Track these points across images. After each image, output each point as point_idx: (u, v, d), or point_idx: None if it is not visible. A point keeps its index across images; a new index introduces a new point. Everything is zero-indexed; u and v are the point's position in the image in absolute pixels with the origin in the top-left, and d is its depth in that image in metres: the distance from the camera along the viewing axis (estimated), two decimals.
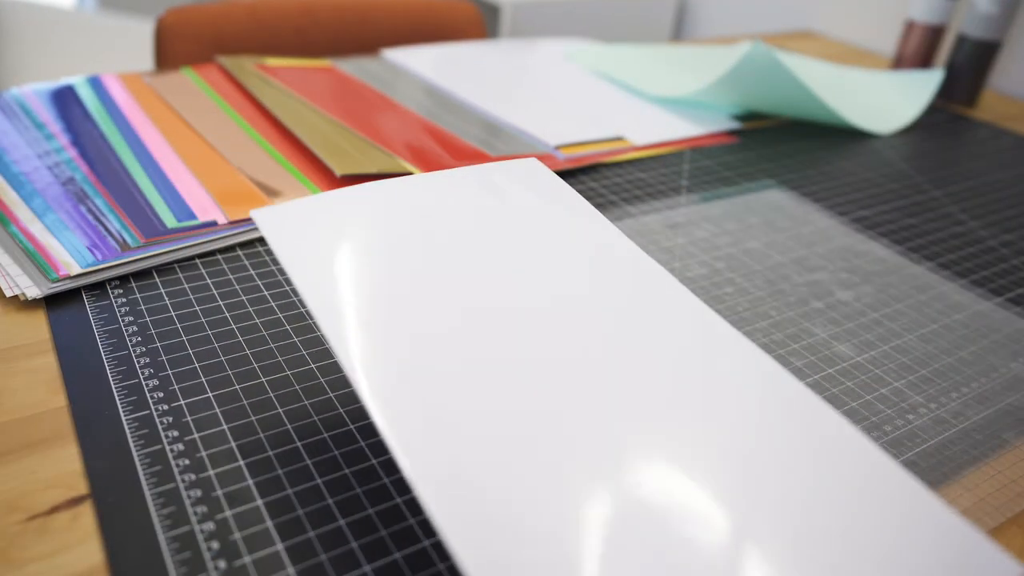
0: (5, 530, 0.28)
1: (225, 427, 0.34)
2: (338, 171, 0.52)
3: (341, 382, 0.37)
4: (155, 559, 0.27)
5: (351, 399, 0.36)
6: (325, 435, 0.34)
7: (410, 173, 0.55)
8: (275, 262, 0.46)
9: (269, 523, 0.29)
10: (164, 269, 0.44)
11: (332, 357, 0.38)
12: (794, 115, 0.76)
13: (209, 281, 0.44)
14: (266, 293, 0.43)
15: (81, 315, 0.40)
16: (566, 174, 0.61)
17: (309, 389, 0.36)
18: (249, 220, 0.48)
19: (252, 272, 0.45)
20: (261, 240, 0.48)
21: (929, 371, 0.41)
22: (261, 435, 0.33)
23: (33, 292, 0.40)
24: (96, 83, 0.64)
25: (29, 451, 0.32)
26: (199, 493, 0.30)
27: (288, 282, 0.44)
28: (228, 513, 0.29)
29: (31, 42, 1.44)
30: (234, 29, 0.88)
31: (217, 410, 0.34)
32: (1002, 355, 0.43)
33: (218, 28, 0.88)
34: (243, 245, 0.47)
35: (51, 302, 0.40)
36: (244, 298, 0.42)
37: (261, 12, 0.90)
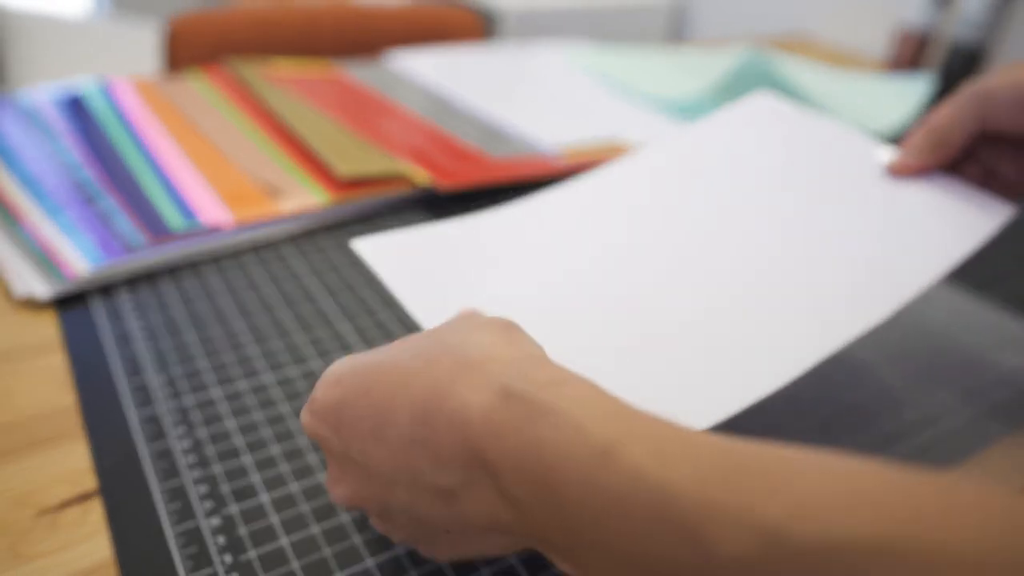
0: (15, 525, 0.29)
1: (232, 423, 0.34)
2: (339, 173, 0.53)
3: None
4: (163, 554, 0.28)
5: None
6: None
7: (410, 175, 0.55)
8: (277, 259, 0.47)
9: (275, 518, 0.30)
10: (171, 270, 0.45)
11: (337, 356, 0.39)
12: None
13: (216, 281, 0.44)
14: (272, 293, 0.44)
15: (90, 315, 0.40)
16: (565, 177, 0.61)
17: (314, 386, 0.37)
18: (255, 222, 0.49)
19: (258, 272, 0.45)
20: (266, 242, 0.49)
21: (917, 369, 0.42)
22: (267, 431, 0.34)
23: (43, 293, 0.41)
24: (105, 86, 0.65)
25: (39, 448, 0.32)
26: (206, 489, 0.31)
27: (291, 280, 0.45)
28: (234, 508, 0.30)
29: (40, 48, 1.45)
30: (240, 36, 0.89)
31: (223, 407, 0.35)
32: (989, 352, 0.44)
33: (225, 34, 0.89)
34: (249, 246, 0.48)
35: (60, 302, 0.41)
36: (250, 298, 0.43)
37: (266, 19, 0.91)
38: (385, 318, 0.42)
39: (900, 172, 0.38)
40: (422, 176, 0.55)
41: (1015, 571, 0.12)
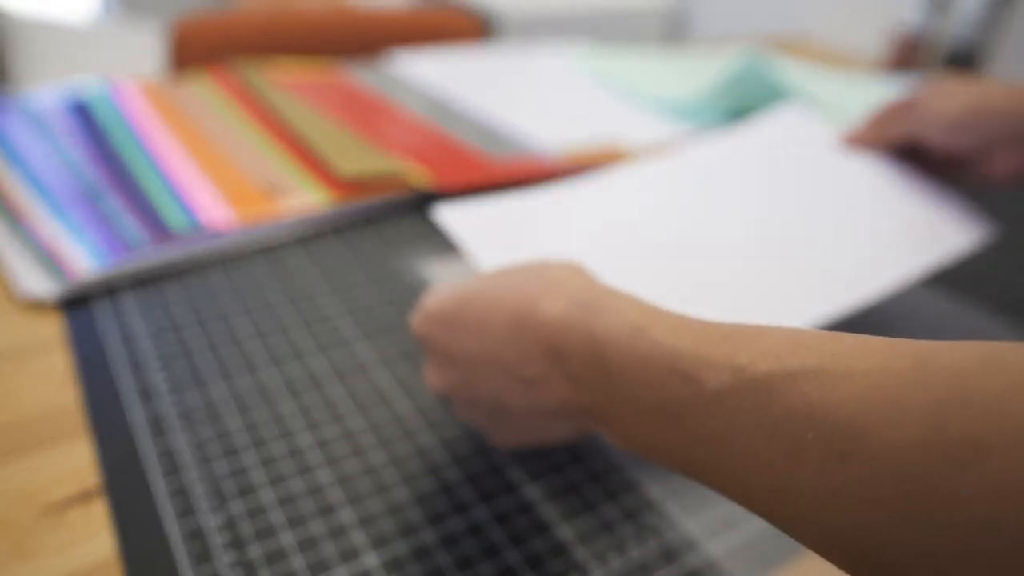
0: (20, 523, 0.29)
1: (236, 421, 0.34)
2: (341, 173, 0.53)
3: (352, 371, 0.38)
4: (166, 550, 0.28)
5: (362, 392, 0.37)
6: (335, 427, 0.35)
7: (411, 176, 0.56)
8: (279, 260, 0.47)
9: (278, 515, 0.30)
10: (175, 270, 0.45)
11: (339, 353, 0.39)
12: None
13: (218, 281, 0.45)
14: (274, 292, 0.44)
15: (94, 314, 0.41)
16: (565, 178, 0.62)
17: (320, 382, 0.37)
18: (258, 223, 0.49)
19: (261, 272, 0.46)
20: (269, 243, 0.49)
21: None
22: (269, 429, 0.34)
23: (47, 293, 0.41)
24: (109, 88, 0.65)
25: (43, 447, 0.33)
26: (209, 486, 0.31)
27: (293, 280, 0.45)
28: (237, 505, 0.30)
29: (46, 51, 1.46)
30: (243, 38, 0.90)
31: (228, 404, 0.35)
32: None
33: (228, 36, 0.89)
34: (251, 247, 0.48)
35: (64, 302, 0.41)
36: (254, 297, 0.43)
37: (269, 22, 0.91)
38: (383, 314, 0.43)
39: (852, 143, 0.47)
40: (423, 177, 0.55)
41: (897, 384, 0.17)
